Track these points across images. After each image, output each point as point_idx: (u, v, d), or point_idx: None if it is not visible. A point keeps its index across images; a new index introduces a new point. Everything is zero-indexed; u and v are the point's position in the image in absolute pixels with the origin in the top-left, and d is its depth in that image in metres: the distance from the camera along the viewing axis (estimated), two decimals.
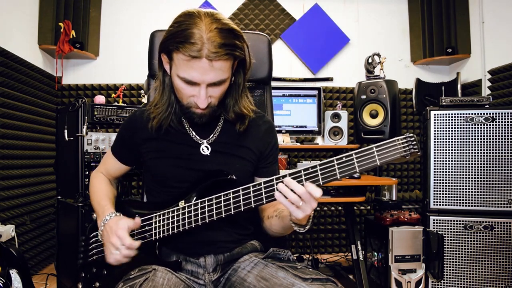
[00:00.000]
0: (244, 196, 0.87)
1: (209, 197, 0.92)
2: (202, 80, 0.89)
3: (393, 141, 0.76)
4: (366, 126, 2.48)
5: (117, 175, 1.20)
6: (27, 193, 2.38)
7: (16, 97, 2.29)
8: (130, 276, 0.91)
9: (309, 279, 0.87)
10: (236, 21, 3.07)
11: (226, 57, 0.87)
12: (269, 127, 1.12)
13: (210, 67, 0.87)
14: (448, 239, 2.05)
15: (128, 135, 1.11)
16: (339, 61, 3.17)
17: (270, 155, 1.11)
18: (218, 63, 0.87)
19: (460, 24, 3.00)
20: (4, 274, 1.50)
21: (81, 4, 2.84)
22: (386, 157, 0.76)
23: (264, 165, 1.10)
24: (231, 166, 1.04)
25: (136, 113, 1.12)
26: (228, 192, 0.89)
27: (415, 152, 0.74)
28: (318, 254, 3.04)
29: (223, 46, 0.86)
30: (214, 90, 0.93)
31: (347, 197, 2.10)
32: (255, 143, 1.08)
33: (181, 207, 0.95)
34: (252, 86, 1.42)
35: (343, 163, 0.79)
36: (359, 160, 0.77)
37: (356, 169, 0.78)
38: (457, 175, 2.06)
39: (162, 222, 0.96)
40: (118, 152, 1.15)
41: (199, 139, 1.05)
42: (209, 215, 0.91)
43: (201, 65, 0.86)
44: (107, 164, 1.18)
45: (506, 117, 2.01)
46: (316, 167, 0.81)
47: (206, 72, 0.88)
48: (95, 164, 1.97)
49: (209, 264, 1.00)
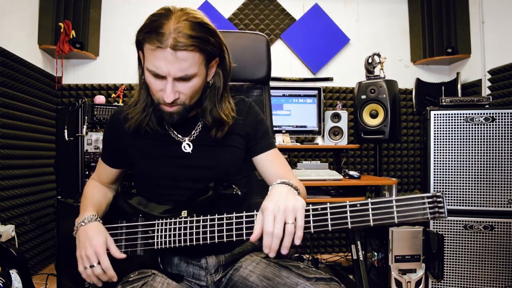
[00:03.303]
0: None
1: (219, 217, 0.88)
2: (167, 72, 0.86)
3: (417, 197, 0.67)
4: (366, 126, 2.48)
5: (111, 180, 1.16)
6: (27, 193, 2.38)
7: (16, 97, 2.29)
8: (129, 279, 0.90)
9: (313, 279, 0.86)
10: (236, 21, 3.07)
11: (191, 48, 0.84)
12: (249, 106, 1.10)
13: (175, 58, 0.84)
14: (448, 239, 2.05)
15: (112, 140, 1.09)
16: (339, 61, 3.16)
17: (257, 132, 1.08)
18: (183, 54, 0.84)
19: (460, 24, 3.00)
20: (4, 274, 1.50)
21: (81, 4, 2.84)
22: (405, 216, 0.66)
23: (254, 143, 1.08)
24: (219, 158, 1.03)
25: (114, 115, 1.09)
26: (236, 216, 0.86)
27: (440, 216, 0.66)
28: (318, 254, 3.04)
29: (189, 38, 0.84)
30: (183, 86, 0.90)
31: (347, 197, 2.09)
32: (240, 127, 1.06)
33: (184, 220, 0.92)
34: (251, 86, 1.43)
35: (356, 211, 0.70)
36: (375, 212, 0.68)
37: (370, 222, 0.69)
38: (457, 175, 2.06)
39: (165, 232, 0.93)
40: (107, 158, 1.13)
41: (180, 138, 1.04)
42: (218, 235, 0.86)
43: (165, 55, 0.84)
44: (99, 170, 1.16)
45: (506, 117, 2.01)
46: (326, 209, 0.73)
47: (171, 63, 0.85)
48: (95, 164, 1.97)
49: (211, 265, 0.99)
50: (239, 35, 1.46)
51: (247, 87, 1.42)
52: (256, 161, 1.08)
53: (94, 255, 0.90)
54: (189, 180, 1.01)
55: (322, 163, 2.62)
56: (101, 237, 0.92)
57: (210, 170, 1.02)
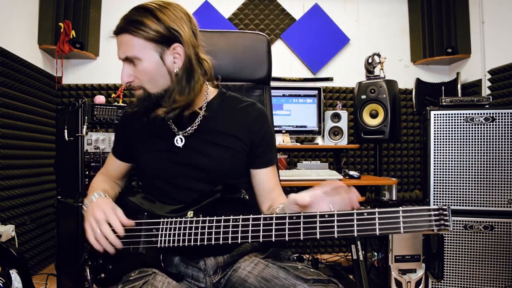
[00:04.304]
0: (265, 227, 0.82)
1: (225, 218, 0.87)
2: (119, 55, 0.95)
3: (423, 209, 0.67)
4: (366, 126, 2.48)
5: (119, 175, 1.18)
6: (27, 193, 2.38)
7: (16, 97, 2.29)
8: (129, 277, 0.90)
9: (310, 280, 0.86)
10: (236, 21, 3.07)
11: (127, 32, 0.92)
12: (260, 114, 1.08)
13: (120, 42, 0.94)
14: (448, 239, 2.05)
15: (121, 131, 1.15)
16: (339, 61, 3.17)
17: (262, 143, 1.06)
18: (123, 38, 0.93)
19: (460, 24, 3.00)
20: (4, 274, 1.50)
21: (81, 4, 2.84)
22: (411, 227, 0.67)
23: (257, 154, 1.06)
24: (217, 158, 1.02)
25: (125, 110, 1.16)
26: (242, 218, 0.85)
27: (446, 228, 0.66)
28: (318, 254, 3.04)
29: (126, 23, 0.92)
30: (134, 70, 0.95)
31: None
32: (243, 131, 1.04)
33: (189, 220, 0.91)
34: (251, 86, 1.42)
35: (363, 220, 0.71)
36: (382, 222, 0.69)
37: (376, 231, 0.70)
38: (457, 175, 2.06)
39: (169, 231, 0.92)
40: (116, 150, 1.18)
41: (176, 130, 1.04)
42: (223, 237, 0.86)
43: (115, 40, 0.95)
44: (107, 164, 1.19)
45: (506, 117, 2.01)
46: (333, 216, 0.74)
47: (119, 47, 0.95)
48: (95, 164, 1.97)
49: (209, 267, 0.99)
50: (240, 35, 1.46)
51: (247, 87, 1.42)
52: (254, 172, 1.09)
53: (102, 215, 0.92)
54: (188, 178, 1.02)
55: (322, 163, 2.62)
56: (110, 204, 0.96)
57: (206, 169, 1.02)
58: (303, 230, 0.77)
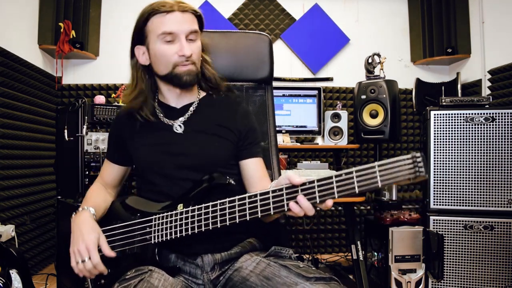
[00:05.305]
0: (250, 204, 0.85)
1: (213, 203, 0.90)
2: (181, 29, 1.00)
3: (397, 160, 0.69)
4: (366, 126, 2.48)
5: (114, 181, 1.20)
6: (27, 193, 2.37)
7: (16, 97, 2.29)
8: (126, 276, 0.91)
9: (312, 278, 0.86)
10: (236, 21, 3.07)
11: (192, 13, 1.03)
12: (244, 113, 1.14)
13: (183, 19, 1.01)
14: (448, 239, 2.05)
15: (115, 134, 1.17)
16: (339, 61, 3.17)
17: (248, 136, 1.12)
18: (188, 15, 1.02)
19: (460, 24, 3.00)
20: (4, 274, 1.50)
21: (81, 4, 2.84)
22: (388, 178, 0.69)
23: (244, 146, 1.11)
24: (209, 144, 1.07)
25: (118, 113, 1.20)
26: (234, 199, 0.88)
27: (421, 176, 0.68)
28: (318, 254, 3.04)
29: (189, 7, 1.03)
30: (193, 45, 1.03)
31: (347, 197, 2.09)
32: (232, 123, 1.11)
33: (179, 211, 0.94)
34: (253, 86, 1.42)
35: (342, 180, 0.74)
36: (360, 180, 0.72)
37: (355, 189, 0.72)
38: (457, 175, 2.06)
39: (161, 226, 0.96)
40: (111, 154, 1.19)
41: (172, 122, 1.09)
42: (212, 221, 0.89)
43: (174, 17, 1.00)
44: (103, 172, 1.21)
45: (506, 117, 2.01)
46: (314, 183, 0.77)
47: (181, 23, 1.00)
48: (95, 164, 1.97)
49: (207, 263, 1.00)
50: (242, 35, 1.46)
51: (248, 87, 1.42)
52: (243, 164, 1.12)
53: (85, 250, 0.93)
54: (181, 168, 1.04)
55: (322, 163, 2.62)
56: (94, 234, 0.96)
57: (197, 156, 1.05)
58: (286, 201, 0.80)
